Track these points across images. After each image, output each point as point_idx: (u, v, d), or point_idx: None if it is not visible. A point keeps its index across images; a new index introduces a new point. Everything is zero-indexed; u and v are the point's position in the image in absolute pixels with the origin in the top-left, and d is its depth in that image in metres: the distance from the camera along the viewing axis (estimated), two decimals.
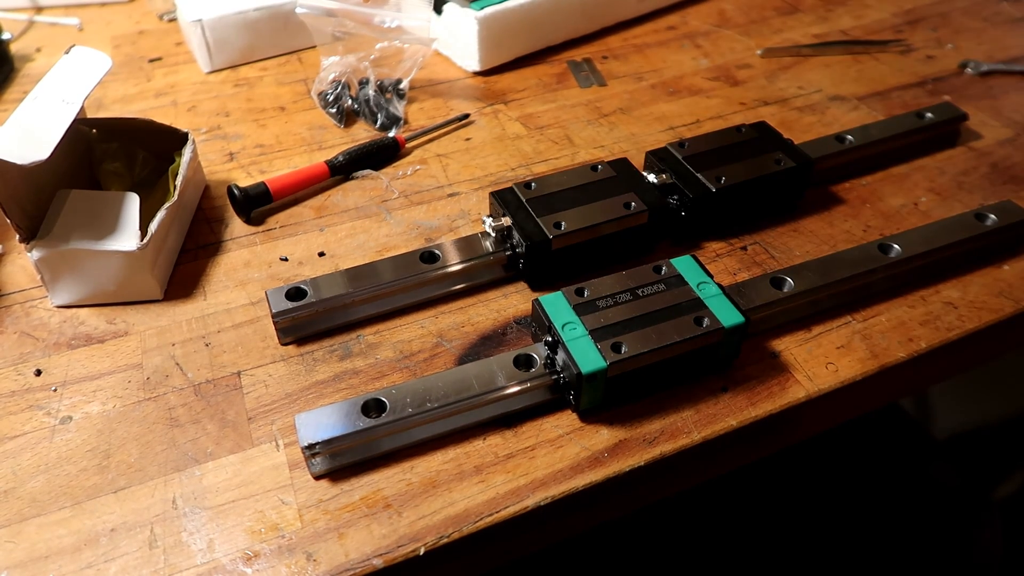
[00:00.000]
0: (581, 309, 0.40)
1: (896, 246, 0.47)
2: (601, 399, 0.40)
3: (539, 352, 0.41)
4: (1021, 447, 1.08)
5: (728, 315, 0.40)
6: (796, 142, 0.54)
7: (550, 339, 0.40)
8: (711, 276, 0.43)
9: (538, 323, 0.42)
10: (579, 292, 0.41)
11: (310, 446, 0.37)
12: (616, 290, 0.42)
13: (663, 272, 0.43)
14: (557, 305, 0.41)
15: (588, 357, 0.38)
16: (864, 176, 0.57)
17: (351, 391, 0.42)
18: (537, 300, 0.41)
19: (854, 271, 0.46)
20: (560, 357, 0.40)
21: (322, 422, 0.37)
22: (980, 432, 1.11)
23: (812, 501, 1.01)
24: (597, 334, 0.39)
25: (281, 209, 0.55)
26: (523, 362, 0.41)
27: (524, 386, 0.40)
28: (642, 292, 0.42)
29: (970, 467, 1.05)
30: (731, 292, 0.43)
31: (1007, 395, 1.15)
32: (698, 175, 0.50)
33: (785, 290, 0.45)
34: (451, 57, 0.73)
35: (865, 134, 0.56)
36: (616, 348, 0.39)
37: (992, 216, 0.49)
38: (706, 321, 0.40)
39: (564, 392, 0.41)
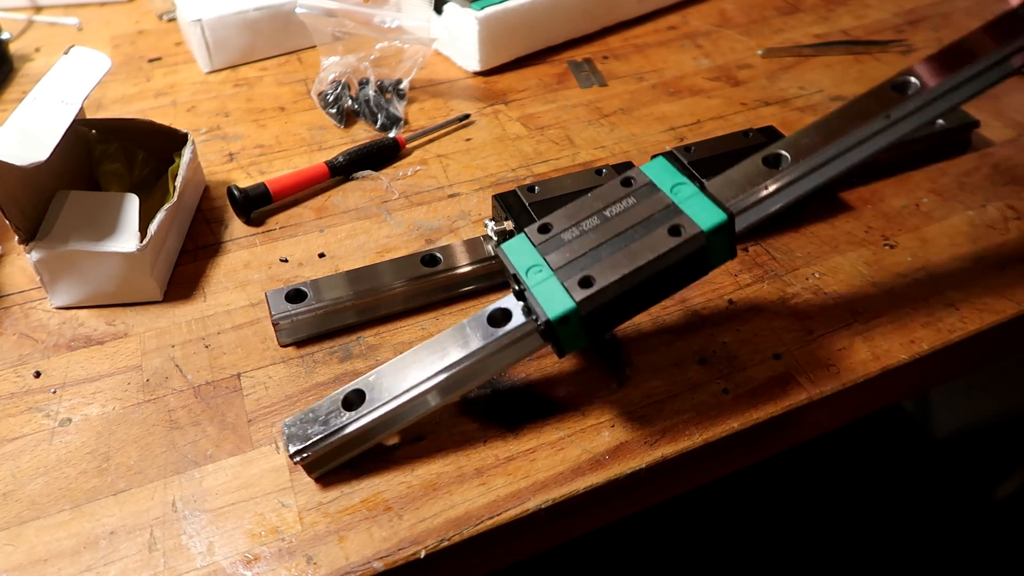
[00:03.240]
0: (546, 248, 0.37)
1: (914, 80, 0.39)
2: (585, 339, 0.36)
3: (513, 304, 0.38)
4: (1021, 447, 1.08)
5: (708, 215, 0.36)
6: None
7: (518, 288, 0.37)
8: (688, 175, 0.38)
9: (507, 273, 0.39)
10: (544, 229, 0.38)
11: (298, 452, 0.36)
12: (581, 216, 0.38)
13: (633, 184, 0.38)
14: (521, 249, 0.37)
15: (556, 300, 0.35)
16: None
17: None
18: (499, 247, 0.38)
19: (864, 122, 0.38)
20: (531, 304, 0.36)
21: (306, 425, 0.37)
22: (980, 432, 1.11)
23: (813, 501, 1.01)
24: (563, 272, 0.35)
25: (281, 210, 0.55)
26: (499, 318, 0.38)
27: (505, 342, 0.37)
28: (610, 212, 0.37)
29: (970, 467, 1.05)
30: (713, 188, 0.38)
31: (1007, 395, 1.14)
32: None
33: (782, 167, 0.38)
34: (451, 57, 0.73)
35: None
36: (585, 283, 0.35)
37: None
38: (683, 229, 0.36)
39: (549, 339, 0.37)
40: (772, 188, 0.38)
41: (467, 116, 0.65)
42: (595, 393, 0.42)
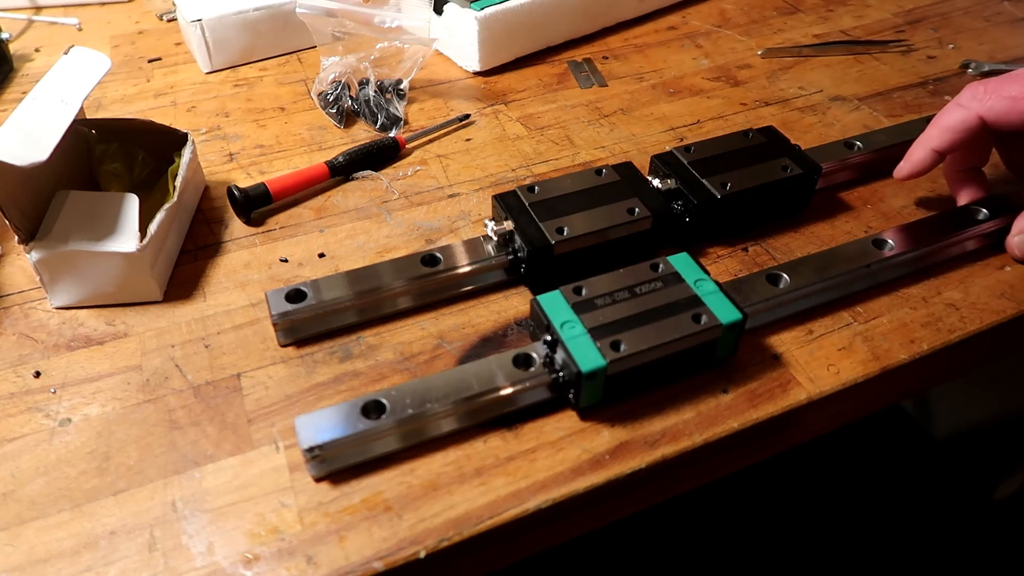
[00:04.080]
0: (579, 308, 0.40)
1: (890, 241, 0.47)
2: (601, 396, 0.40)
3: (538, 351, 0.41)
4: (1021, 447, 1.08)
5: (726, 312, 0.40)
6: (797, 142, 0.54)
7: (549, 338, 0.40)
8: (707, 273, 0.43)
9: (536, 322, 0.42)
10: (577, 291, 0.41)
11: (310, 449, 0.37)
12: (614, 288, 0.42)
13: (660, 270, 0.43)
14: (555, 304, 0.41)
15: (588, 355, 0.38)
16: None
17: (351, 393, 0.42)
18: (535, 299, 0.41)
19: (849, 266, 0.46)
20: (559, 356, 0.40)
21: (322, 424, 0.37)
22: (980, 432, 1.11)
23: (813, 501, 1.01)
24: (596, 332, 0.39)
25: (281, 210, 0.55)
26: (522, 361, 0.41)
27: (523, 385, 0.40)
28: (640, 290, 0.41)
29: (970, 467, 1.05)
30: (728, 289, 0.43)
31: (1007, 395, 1.15)
32: (703, 181, 0.49)
33: (781, 286, 0.45)
34: (451, 57, 0.73)
35: (874, 140, 0.56)
36: (615, 346, 0.38)
37: (984, 211, 0.49)
38: (704, 318, 0.40)
39: (563, 391, 0.40)
40: (773, 302, 0.45)
41: (467, 116, 0.65)
42: None
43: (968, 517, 1.00)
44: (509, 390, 0.40)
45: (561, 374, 0.40)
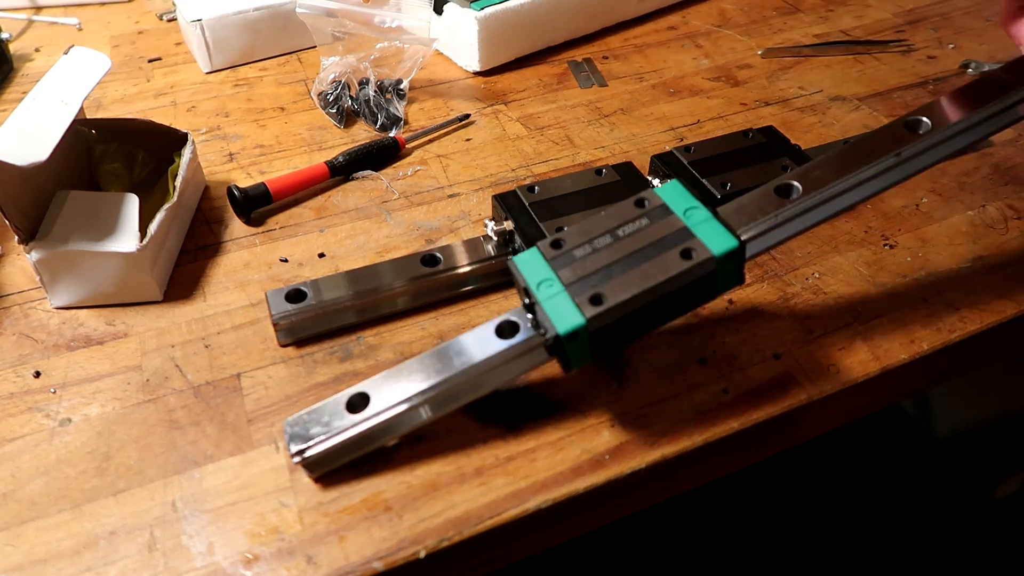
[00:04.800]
0: (557, 263, 0.37)
1: (925, 119, 0.40)
2: (592, 355, 0.37)
3: (522, 316, 0.38)
4: (1021, 447, 1.08)
5: (719, 241, 0.36)
6: (797, 143, 0.54)
7: (528, 301, 0.38)
8: (701, 200, 0.39)
9: (516, 285, 0.39)
10: (556, 244, 0.38)
11: (299, 452, 0.36)
12: (594, 234, 0.38)
13: (646, 205, 0.39)
14: (532, 263, 0.38)
15: (565, 315, 0.35)
16: None
17: None
18: (511, 259, 0.39)
19: (875, 159, 0.39)
20: (541, 318, 0.37)
21: (308, 426, 0.37)
22: (980, 432, 1.11)
23: (813, 501, 1.01)
24: (575, 288, 0.36)
25: (281, 210, 0.55)
26: (507, 330, 0.38)
27: (511, 354, 0.38)
28: (623, 232, 0.38)
29: (970, 467, 1.05)
30: (725, 214, 0.38)
31: (1007, 395, 1.15)
32: (703, 181, 0.49)
33: (792, 198, 0.39)
34: (451, 57, 0.73)
35: None
36: (596, 300, 0.35)
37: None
38: (694, 252, 0.36)
39: (555, 354, 0.38)
40: (783, 218, 0.39)
41: (467, 116, 0.65)
42: (595, 393, 0.42)
43: (968, 517, 1.00)
44: (496, 361, 0.37)
45: (547, 337, 0.37)
